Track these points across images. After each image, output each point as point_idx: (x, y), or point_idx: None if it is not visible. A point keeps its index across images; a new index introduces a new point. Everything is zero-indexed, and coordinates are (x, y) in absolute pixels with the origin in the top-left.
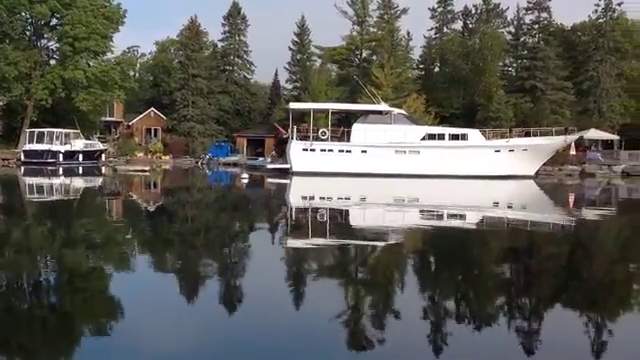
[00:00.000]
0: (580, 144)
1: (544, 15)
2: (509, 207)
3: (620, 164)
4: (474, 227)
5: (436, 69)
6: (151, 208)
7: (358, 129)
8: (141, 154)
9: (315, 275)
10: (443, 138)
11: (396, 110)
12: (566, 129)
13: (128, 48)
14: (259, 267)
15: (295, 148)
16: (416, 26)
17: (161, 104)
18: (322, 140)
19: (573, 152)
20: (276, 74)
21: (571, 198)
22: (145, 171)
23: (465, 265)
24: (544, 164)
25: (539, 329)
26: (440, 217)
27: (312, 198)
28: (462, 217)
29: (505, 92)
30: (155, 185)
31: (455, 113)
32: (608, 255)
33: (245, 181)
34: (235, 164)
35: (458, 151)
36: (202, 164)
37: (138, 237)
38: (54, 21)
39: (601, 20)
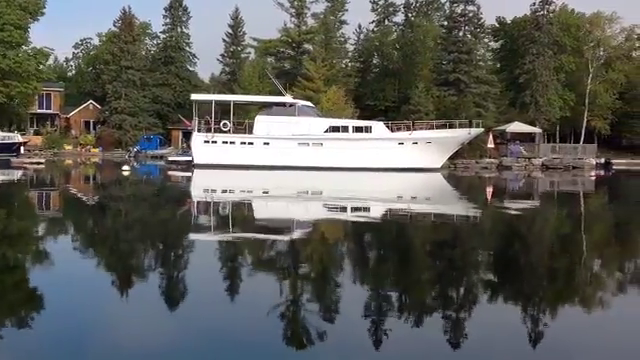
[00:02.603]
0: (501, 137)
1: (471, 8)
2: (413, 199)
3: (540, 157)
4: (377, 220)
5: (374, 61)
6: None
7: (261, 121)
8: (70, 147)
9: (213, 271)
10: (347, 130)
11: (301, 102)
12: (470, 122)
13: (81, 40)
14: (153, 266)
15: (197, 140)
16: (366, 19)
17: (100, 96)
18: (224, 132)
19: (491, 145)
20: None
21: (476, 190)
22: (41, 163)
23: (367, 257)
24: (462, 156)
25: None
26: (344, 210)
27: (214, 191)
28: (366, 210)
29: (435, 85)
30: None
31: (390, 106)
32: (505, 243)
33: (126, 173)
34: (162, 157)
35: (362, 144)
36: (129, 157)
37: None
38: None
39: (539, 13)
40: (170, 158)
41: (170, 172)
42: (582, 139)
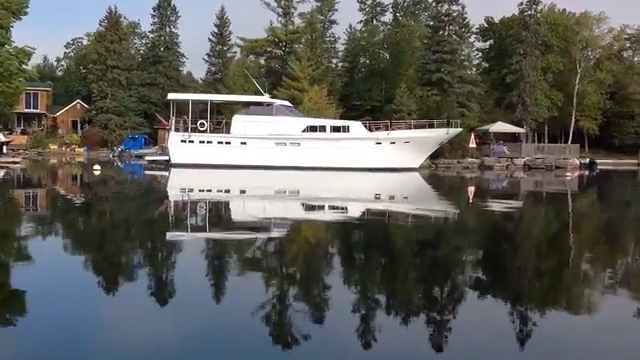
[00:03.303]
0: (484, 137)
1: (455, 8)
2: (391, 199)
3: (523, 157)
4: (354, 219)
5: (362, 61)
6: None
7: (238, 120)
8: (55, 146)
9: (194, 271)
10: (324, 130)
11: (278, 101)
12: (448, 122)
13: (72, 40)
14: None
15: (173, 139)
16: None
17: (87, 96)
18: (201, 131)
19: (473, 145)
20: None
21: (452, 190)
22: (17, 163)
23: (343, 256)
24: (444, 156)
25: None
26: (321, 209)
27: (191, 190)
28: (343, 209)
29: (419, 85)
30: None
31: (377, 106)
32: (472, 242)
33: (97, 173)
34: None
35: (339, 143)
36: (113, 157)
37: None
38: None
39: (526, 13)
40: (147, 158)
41: (147, 171)
42: (570, 139)
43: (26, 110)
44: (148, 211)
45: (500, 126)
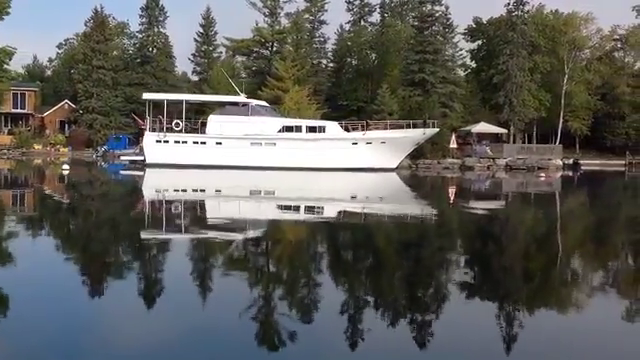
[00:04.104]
0: (467, 137)
1: (438, 8)
2: (366, 199)
3: (505, 157)
4: (329, 219)
5: (349, 61)
6: None
7: (214, 120)
8: (39, 146)
9: (167, 272)
10: (300, 130)
11: (254, 101)
12: (425, 122)
13: (64, 40)
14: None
15: (148, 139)
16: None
17: (73, 96)
18: (176, 131)
19: (454, 145)
20: None
21: (430, 190)
22: None
23: (317, 256)
24: (425, 157)
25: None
26: (297, 209)
27: (166, 191)
28: (319, 209)
29: (402, 85)
30: None
31: (362, 106)
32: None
33: (66, 172)
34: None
35: (315, 144)
36: (97, 157)
37: None
38: None
39: (513, 14)
40: (124, 158)
41: (124, 171)
42: (558, 139)
43: (13, 110)
44: (116, 212)
45: (483, 126)
